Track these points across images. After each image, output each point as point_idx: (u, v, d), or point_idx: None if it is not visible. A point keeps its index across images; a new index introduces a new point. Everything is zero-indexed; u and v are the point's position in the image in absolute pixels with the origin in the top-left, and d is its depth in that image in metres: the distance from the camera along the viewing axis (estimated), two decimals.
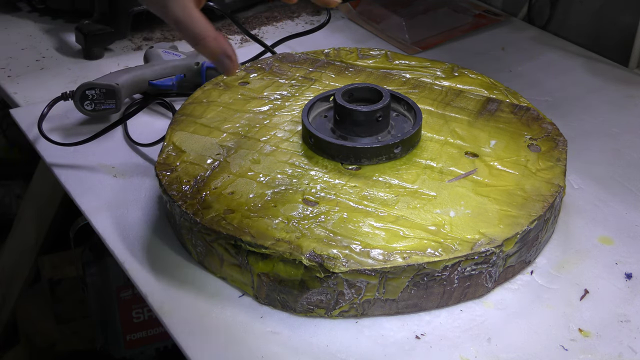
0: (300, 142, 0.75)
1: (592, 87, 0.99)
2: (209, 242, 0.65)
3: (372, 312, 0.63)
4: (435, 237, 0.63)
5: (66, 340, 1.34)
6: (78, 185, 0.79)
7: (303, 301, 0.62)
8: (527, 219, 0.65)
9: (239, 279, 0.65)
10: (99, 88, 0.87)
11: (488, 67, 1.02)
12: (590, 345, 0.61)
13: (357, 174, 0.71)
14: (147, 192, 0.78)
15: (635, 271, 0.68)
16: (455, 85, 0.84)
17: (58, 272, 1.32)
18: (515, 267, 0.66)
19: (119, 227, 0.73)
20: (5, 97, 0.99)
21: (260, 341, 0.61)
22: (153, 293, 0.65)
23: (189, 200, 0.67)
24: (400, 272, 0.61)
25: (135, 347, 1.24)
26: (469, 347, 0.60)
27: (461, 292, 0.64)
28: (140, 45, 1.09)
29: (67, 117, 0.90)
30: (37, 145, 0.86)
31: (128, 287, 1.19)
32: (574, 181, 0.79)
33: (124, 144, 0.86)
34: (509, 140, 0.75)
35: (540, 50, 1.08)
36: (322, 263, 0.60)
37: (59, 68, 1.04)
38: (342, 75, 0.87)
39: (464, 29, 1.14)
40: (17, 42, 1.11)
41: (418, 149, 0.74)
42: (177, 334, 0.61)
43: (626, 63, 1.03)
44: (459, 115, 0.79)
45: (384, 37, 1.13)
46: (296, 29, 1.15)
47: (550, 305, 0.64)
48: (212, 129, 0.77)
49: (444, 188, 0.69)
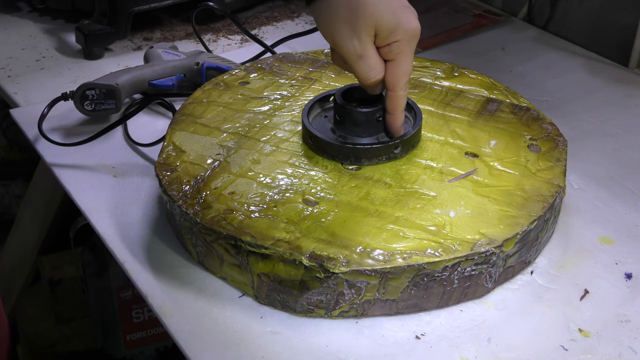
0: (300, 142, 0.75)
1: (592, 87, 0.99)
2: (209, 242, 0.65)
3: (372, 312, 0.63)
4: (435, 238, 0.63)
5: (66, 340, 1.34)
6: (78, 185, 0.79)
7: (303, 301, 0.62)
8: (527, 219, 0.65)
9: (239, 279, 0.65)
10: (99, 88, 0.87)
11: (488, 67, 1.02)
12: (590, 345, 0.61)
13: (357, 174, 0.71)
14: (147, 192, 0.78)
15: (635, 271, 0.68)
16: (455, 86, 0.84)
17: (58, 272, 1.31)
18: (515, 267, 0.66)
19: (119, 227, 0.73)
20: (5, 97, 0.99)
21: (260, 341, 0.61)
22: (153, 293, 0.65)
23: (189, 200, 0.67)
24: (400, 272, 0.61)
25: (135, 347, 1.24)
26: (469, 347, 0.60)
27: (461, 292, 0.64)
28: (140, 45, 1.09)
29: (67, 117, 0.90)
30: (37, 145, 0.86)
31: (128, 287, 1.19)
32: (574, 181, 0.79)
33: (124, 144, 0.86)
34: (509, 140, 0.75)
35: (540, 50, 1.08)
36: (322, 263, 0.60)
37: (59, 68, 1.04)
38: (342, 75, 0.87)
39: (464, 29, 1.14)
40: (17, 42, 1.11)
41: (418, 149, 0.74)
42: (177, 334, 0.61)
43: (626, 63, 1.03)
44: (459, 116, 0.79)
45: None
46: (296, 29, 1.15)
47: (550, 305, 0.64)
48: (212, 129, 0.77)
49: (444, 188, 0.69)
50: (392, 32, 0.64)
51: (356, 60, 0.65)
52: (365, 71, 0.65)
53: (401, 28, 0.64)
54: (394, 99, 0.68)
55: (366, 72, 0.65)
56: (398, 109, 0.69)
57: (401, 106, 0.69)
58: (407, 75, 0.67)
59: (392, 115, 0.70)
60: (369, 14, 0.62)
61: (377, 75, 0.66)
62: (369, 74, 0.65)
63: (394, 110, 0.69)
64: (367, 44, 0.64)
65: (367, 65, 0.65)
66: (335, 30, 0.64)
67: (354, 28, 0.63)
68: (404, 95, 0.68)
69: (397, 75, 0.66)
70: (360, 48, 0.64)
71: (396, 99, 0.68)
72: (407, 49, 0.65)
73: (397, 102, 0.68)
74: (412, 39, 0.65)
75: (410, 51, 0.66)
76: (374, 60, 0.65)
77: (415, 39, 0.65)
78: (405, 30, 0.64)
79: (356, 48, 0.64)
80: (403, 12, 0.64)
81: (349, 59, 0.65)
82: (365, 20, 0.63)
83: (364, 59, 0.65)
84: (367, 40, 0.64)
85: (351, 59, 0.65)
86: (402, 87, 0.67)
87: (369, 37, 0.64)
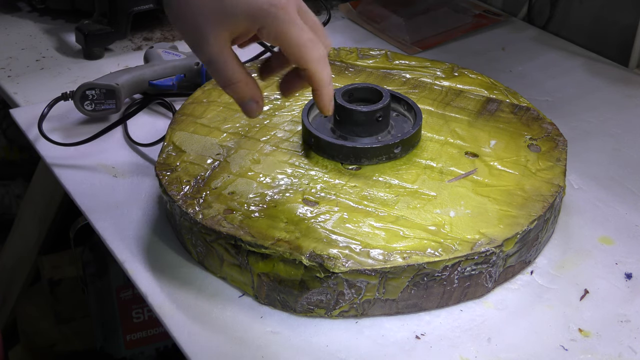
0: (300, 142, 0.75)
1: (592, 87, 0.99)
2: (209, 242, 0.65)
3: (372, 312, 0.63)
4: (435, 237, 0.63)
5: (66, 340, 1.34)
6: (78, 185, 0.79)
7: (303, 301, 0.62)
8: (527, 219, 0.65)
9: (239, 279, 0.65)
10: (99, 88, 0.87)
11: (488, 67, 1.02)
12: (590, 345, 0.61)
13: (357, 174, 0.71)
14: (147, 192, 0.78)
15: (635, 271, 0.68)
16: (455, 85, 0.84)
17: (58, 272, 1.31)
18: (515, 267, 0.66)
19: (119, 227, 0.73)
20: (5, 97, 0.99)
21: (260, 341, 0.61)
22: (153, 293, 0.65)
23: (189, 200, 0.67)
24: (400, 272, 0.61)
25: (135, 347, 1.24)
26: (469, 347, 0.60)
27: (461, 292, 0.64)
28: (140, 45, 1.09)
29: (67, 117, 0.90)
30: (37, 145, 0.86)
31: (128, 287, 1.19)
32: (574, 181, 0.79)
33: (124, 144, 0.86)
34: (509, 140, 0.75)
35: (540, 50, 1.08)
36: (322, 263, 0.60)
37: (59, 68, 1.04)
38: (342, 75, 0.87)
39: (464, 29, 1.14)
40: (17, 42, 1.11)
41: (418, 149, 0.74)
42: (177, 334, 0.61)
43: (626, 63, 1.03)
44: (459, 115, 0.79)
45: (384, 37, 1.13)
46: None
47: (550, 305, 0.64)
48: (212, 129, 0.77)
49: (444, 188, 0.69)
50: (254, 22, 0.53)
51: (210, 66, 0.55)
52: (222, 79, 0.55)
53: (262, 12, 0.52)
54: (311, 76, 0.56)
55: (222, 79, 0.55)
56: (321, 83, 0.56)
57: (325, 79, 0.56)
58: (306, 46, 0.53)
59: (317, 92, 0.57)
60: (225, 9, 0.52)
61: (236, 82, 0.55)
62: (226, 81, 0.55)
63: (317, 86, 0.56)
64: (221, 48, 0.54)
65: (222, 71, 0.55)
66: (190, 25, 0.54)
67: (208, 25, 0.53)
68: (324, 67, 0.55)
69: (296, 54, 0.54)
70: (214, 50, 0.54)
71: (314, 74, 0.55)
72: (281, 27, 0.53)
73: (317, 77, 0.55)
74: (279, 13, 0.52)
75: (286, 25, 0.53)
76: (230, 65, 0.55)
77: (281, 10, 0.52)
78: (266, 12, 0.52)
79: (209, 50, 0.54)
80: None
81: (206, 66, 0.56)
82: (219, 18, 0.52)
83: (217, 64, 0.55)
84: (221, 42, 0.54)
85: (206, 65, 0.56)
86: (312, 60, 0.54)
87: (222, 39, 0.54)
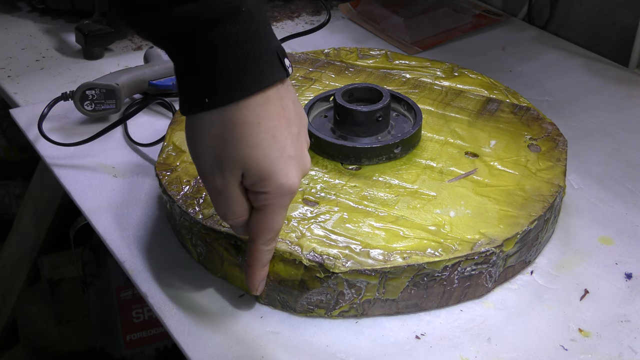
0: None
1: (592, 87, 0.99)
2: (209, 242, 0.65)
3: (372, 312, 0.63)
4: (435, 237, 0.63)
5: (66, 340, 1.34)
6: (78, 185, 0.79)
7: (303, 301, 0.62)
8: (527, 219, 0.65)
9: (239, 278, 0.65)
10: (99, 88, 0.87)
11: (488, 67, 1.02)
12: (590, 345, 0.61)
13: (357, 174, 0.71)
14: (147, 192, 0.78)
15: (635, 271, 0.68)
16: (455, 85, 0.84)
17: (58, 272, 1.31)
18: (515, 267, 0.66)
19: (119, 227, 0.73)
20: (5, 97, 0.99)
21: (260, 341, 0.61)
22: (153, 293, 0.65)
23: (189, 200, 0.67)
24: (400, 272, 0.61)
25: (135, 347, 1.24)
26: (469, 347, 0.60)
27: (461, 292, 0.64)
28: (140, 45, 1.09)
29: (67, 117, 0.90)
30: (37, 145, 0.86)
31: (128, 287, 1.19)
32: (574, 181, 0.79)
33: (124, 144, 0.86)
34: (509, 140, 0.75)
35: (540, 50, 1.08)
36: (322, 263, 0.60)
37: (59, 68, 1.04)
38: (342, 75, 0.87)
39: (464, 29, 1.14)
40: (17, 42, 1.11)
41: (418, 149, 0.74)
42: (177, 334, 0.61)
43: (626, 63, 1.03)
44: (459, 115, 0.79)
45: (384, 37, 1.13)
46: (296, 29, 1.15)
47: (550, 305, 0.64)
48: None
49: (444, 188, 0.69)
50: (261, 182, 0.54)
51: (215, 195, 0.56)
52: (222, 210, 0.57)
53: (274, 181, 0.54)
54: (252, 251, 0.59)
55: (223, 211, 0.57)
56: (257, 263, 0.59)
57: (261, 261, 0.59)
58: (272, 231, 0.57)
59: (249, 268, 0.60)
60: (240, 155, 0.53)
61: (236, 218, 0.57)
62: (226, 214, 0.57)
63: (252, 263, 0.59)
64: (230, 184, 0.55)
65: (225, 205, 0.56)
66: (201, 155, 0.55)
67: (220, 162, 0.54)
68: (266, 250, 0.59)
69: (259, 227, 0.57)
70: (222, 185, 0.55)
71: (255, 252, 0.59)
72: (275, 203, 0.56)
73: (256, 255, 0.59)
74: (284, 195, 0.55)
75: (279, 207, 0.56)
76: (235, 201, 0.56)
77: (288, 196, 0.56)
78: (278, 184, 0.54)
79: (217, 183, 0.55)
80: (282, 164, 0.54)
81: (208, 192, 0.57)
82: (233, 159, 0.53)
83: (224, 197, 0.56)
84: (232, 180, 0.55)
85: (210, 193, 0.57)
86: (265, 241, 0.58)
87: (235, 177, 0.54)
